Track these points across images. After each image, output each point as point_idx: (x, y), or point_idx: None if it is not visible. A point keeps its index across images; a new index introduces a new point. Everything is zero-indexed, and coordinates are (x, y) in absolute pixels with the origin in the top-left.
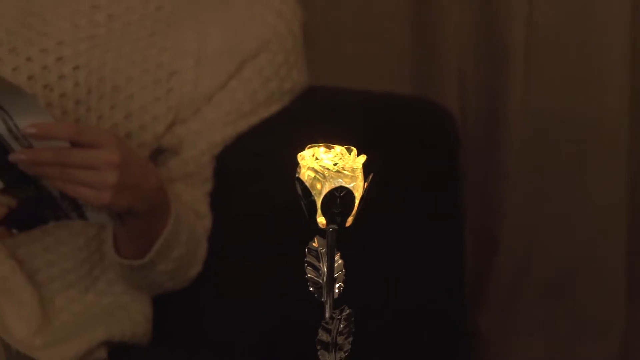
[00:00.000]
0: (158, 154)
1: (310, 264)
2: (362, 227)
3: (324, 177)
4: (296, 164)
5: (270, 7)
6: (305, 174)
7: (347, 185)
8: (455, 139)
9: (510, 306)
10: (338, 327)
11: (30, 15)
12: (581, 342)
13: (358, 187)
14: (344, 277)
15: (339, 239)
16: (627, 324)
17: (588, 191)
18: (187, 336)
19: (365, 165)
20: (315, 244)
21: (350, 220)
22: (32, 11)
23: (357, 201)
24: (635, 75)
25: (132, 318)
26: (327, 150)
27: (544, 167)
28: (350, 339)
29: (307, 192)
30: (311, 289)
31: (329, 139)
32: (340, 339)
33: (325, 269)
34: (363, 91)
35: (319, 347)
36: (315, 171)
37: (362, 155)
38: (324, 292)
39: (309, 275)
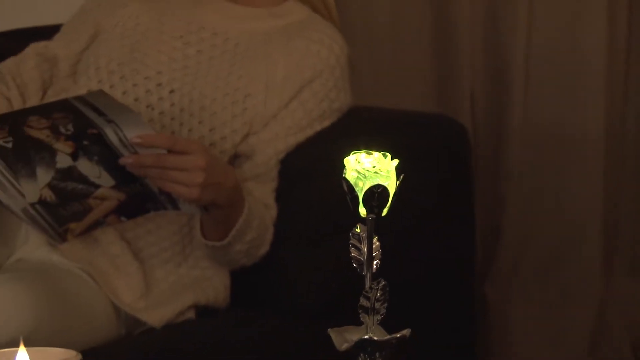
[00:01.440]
0: (235, 159)
1: (354, 246)
2: (394, 216)
3: (365, 177)
4: (343, 167)
5: (322, 44)
6: (350, 175)
7: (383, 184)
8: (467, 148)
9: (511, 280)
10: (375, 295)
11: (136, 51)
12: (566, 311)
13: (392, 185)
14: (380, 256)
15: (376, 226)
16: (603, 296)
17: (572, 190)
18: (257, 302)
19: (397, 168)
20: (358, 230)
21: (385, 211)
22: (138, 48)
23: (390, 196)
24: (608, 95)
25: (215, 287)
26: (368, 155)
27: (539, 170)
28: (385, 304)
29: (351, 189)
30: (354, 265)
31: (369, 147)
32: (377, 305)
33: (365, 250)
34: (395, 109)
35: (360, 311)
36: (358, 172)
37: (394, 159)
38: (365, 268)
39: (352, 255)
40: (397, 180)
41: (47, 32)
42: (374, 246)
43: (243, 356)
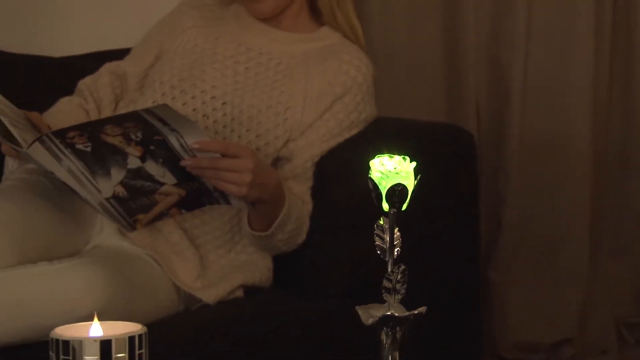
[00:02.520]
0: (277, 161)
1: (378, 235)
2: (411, 210)
3: (387, 177)
4: (369, 168)
5: (352, 64)
6: (374, 175)
7: (402, 183)
8: (473, 152)
9: (510, 265)
10: (396, 278)
11: (194, 68)
12: (558, 291)
13: (410, 184)
14: (400, 244)
15: (397, 218)
16: (589, 278)
17: (562, 188)
18: (296, 283)
19: (414, 169)
20: (381, 222)
21: (404, 206)
22: (195, 66)
23: (409, 193)
24: (594, 110)
25: (260, 269)
26: (390, 158)
27: (534, 171)
28: (405, 285)
29: (376, 187)
30: (378, 252)
31: (391, 152)
32: (398, 286)
33: (387, 239)
34: (412, 120)
35: (383, 291)
36: (382, 173)
37: (412, 162)
38: (387, 254)
39: (377, 243)
40: (414, 180)
41: (119, 54)
42: (395, 236)
43: (284, 329)
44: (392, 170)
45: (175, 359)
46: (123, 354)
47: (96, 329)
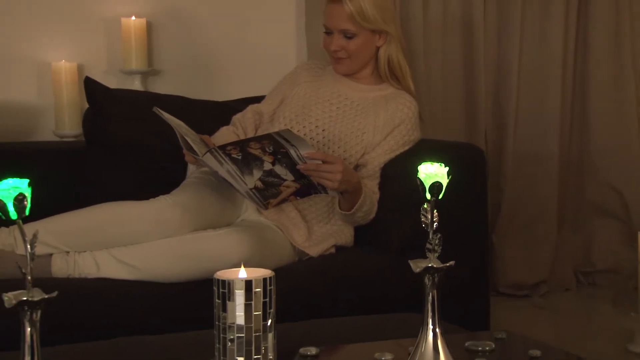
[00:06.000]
0: (357, 167)
1: (423, 214)
2: (444, 199)
3: (429, 177)
4: (417, 171)
5: (404, 105)
6: (421, 175)
7: (439, 180)
8: (483, 162)
9: (506, 233)
10: (435, 242)
11: (304, 107)
12: (536, 249)
13: (444, 182)
14: (437, 220)
15: (435, 204)
16: (556, 242)
17: (540, 184)
18: (369, 244)
19: (447, 172)
20: (425, 206)
21: (440, 196)
22: (304, 106)
23: (444, 188)
24: (561, 131)
25: (346, 235)
26: (431, 165)
27: (522, 174)
28: (440, 247)
29: (422, 183)
30: (423, 225)
31: (431, 161)
32: (436, 247)
33: (429, 217)
34: (443, 140)
35: (426, 251)
36: (426, 174)
37: (446, 167)
38: (429, 227)
39: (422, 220)
40: (447, 179)
41: (257, 99)
42: (434, 215)
43: (361, 273)
44: (432, 172)
45: (292, 293)
46: (259, 289)
47: (242, 273)
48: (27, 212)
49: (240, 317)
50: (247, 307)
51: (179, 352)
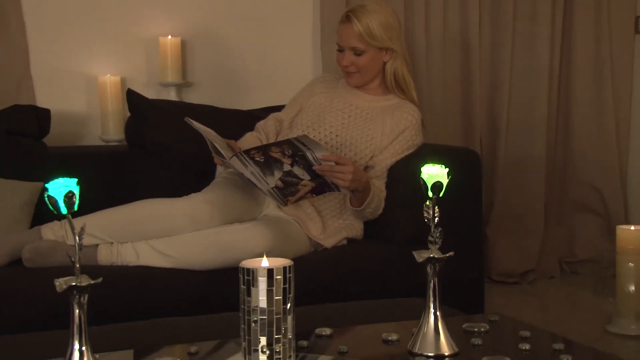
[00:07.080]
0: (366, 168)
1: (425, 210)
2: (445, 197)
3: (431, 177)
4: (420, 172)
5: (408, 113)
6: (424, 175)
7: (440, 180)
8: (479, 165)
9: (498, 226)
10: (436, 235)
11: (319, 116)
12: (525, 241)
13: (444, 181)
14: (439, 216)
15: (436, 201)
16: (543, 234)
17: (529, 184)
18: (377, 236)
19: (447, 173)
20: (427, 203)
21: (441, 194)
22: (320, 114)
23: (444, 187)
24: (547, 138)
25: (356, 229)
26: (433, 166)
27: (513, 175)
28: (441, 240)
29: (425, 183)
30: (425, 220)
31: (433, 163)
32: (437, 239)
33: (431, 212)
34: (444, 144)
35: (428, 243)
36: (428, 174)
37: (446, 168)
38: (431, 222)
39: (424, 215)
40: (447, 179)
41: (278, 108)
42: (435, 211)
43: (370, 262)
44: (434, 173)
45: (308, 280)
46: (280, 277)
47: (265, 262)
48: (75, 208)
49: (262, 301)
50: (269, 293)
51: (208, 332)
